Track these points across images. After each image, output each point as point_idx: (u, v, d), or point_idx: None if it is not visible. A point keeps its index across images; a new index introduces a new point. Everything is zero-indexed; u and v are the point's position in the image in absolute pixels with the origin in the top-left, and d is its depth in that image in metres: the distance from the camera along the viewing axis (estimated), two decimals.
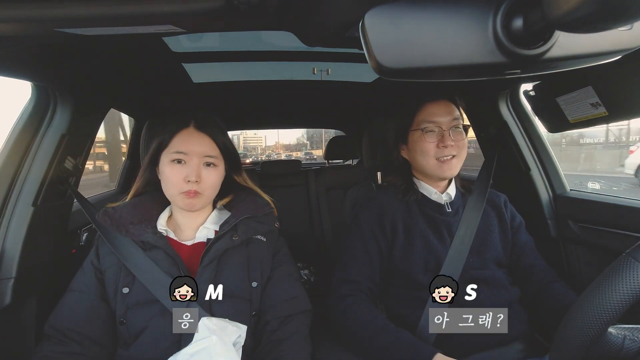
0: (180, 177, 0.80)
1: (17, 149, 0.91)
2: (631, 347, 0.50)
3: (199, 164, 0.81)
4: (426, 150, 0.93)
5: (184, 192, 0.80)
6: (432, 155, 0.93)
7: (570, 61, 0.40)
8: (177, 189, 0.80)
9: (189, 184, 0.79)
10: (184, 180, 0.79)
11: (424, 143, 0.93)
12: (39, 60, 0.80)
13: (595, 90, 0.90)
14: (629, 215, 0.98)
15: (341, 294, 0.90)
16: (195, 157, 0.81)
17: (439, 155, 0.92)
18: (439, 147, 0.92)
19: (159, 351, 0.73)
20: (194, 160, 0.81)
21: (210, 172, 0.83)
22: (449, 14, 0.38)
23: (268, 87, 1.69)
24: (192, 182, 0.79)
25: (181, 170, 0.80)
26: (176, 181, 0.80)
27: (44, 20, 0.52)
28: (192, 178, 0.79)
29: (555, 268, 0.99)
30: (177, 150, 0.81)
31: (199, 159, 0.81)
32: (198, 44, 1.32)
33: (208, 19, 0.57)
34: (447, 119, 0.92)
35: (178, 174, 0.80)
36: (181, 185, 0.80)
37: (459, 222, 0.96)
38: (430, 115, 0.93)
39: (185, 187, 0.79)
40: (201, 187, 0.81)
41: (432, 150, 0.92)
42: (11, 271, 0.85)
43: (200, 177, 0.80)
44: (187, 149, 0.81)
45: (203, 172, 0.81)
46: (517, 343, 0.88)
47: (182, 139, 0.82)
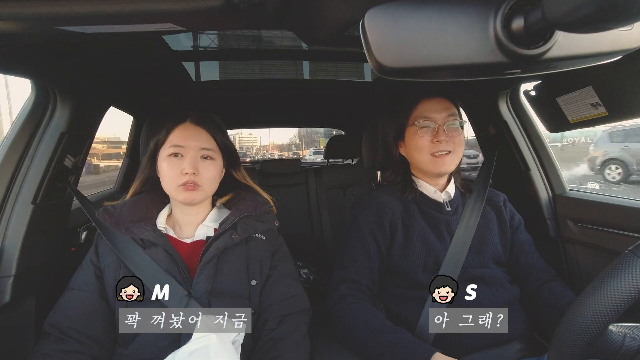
0: (177, 170, 0.80)
1: (17, 147, 0.91)
2: (631, 345, 0.50)
3: (196, 156, 0.81)
4: (420, 146, 0.93)
5: (182, 184, 0.80)
6: (427, 151, 0.93)
7: (571, 61, 0.40)
8: (174, 182, 0.80)
9: (186, 175, 0.79)
10: (181, 173, 0.79)
11: (418, 138, 0.93)
12: (39, 58, 0.80)
13: (595, 90, 0.90)
14: (628, 216, 0.98)
15: (340, 293, 0.90)
16: (191, 149, 0.81)
17: (434, 151, 0.92)
18: (433, 142, 0.92)
19: (158, 349, 0.73)
20: (191, 152, 0.81)
21: (208, 165, 0.83)
22: (449, 14, 0.38)
23: (268, 85, 1.69)
24: (190, 174, 0.79)
25: (178, 164, 0.80)
26: (173, 174, 0.80)
27: (44, 18, 0.52)
28: (189, 170, 0.79)
29: (554, 268, 0.99)
30: (174, 144, 0.81)
31: (196, 152, 0.82)
32: (198, 42, 1.32)
33: (208, 18, 0.57)
34: (442, 115, 0.93)
35: (175, 167, 0.80)
36: (178, 178, 0.80)
37: (458, 221, 0.96)
38: (425, 111, 0.94)
39: (182, 179, 0.80)
40: (199, 179, 0.81)
41: (427, 146, 0.93)
42: (10, 269, 0.85)
43: (197, 169, 0.80)
44: (183, 142, 0.81)
45: (200, 165, 0.81)
46: (516, 342, 0.88)
47: (179, 134, 0.82)
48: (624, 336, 0.51)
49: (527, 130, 1.24)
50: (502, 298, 0.89)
